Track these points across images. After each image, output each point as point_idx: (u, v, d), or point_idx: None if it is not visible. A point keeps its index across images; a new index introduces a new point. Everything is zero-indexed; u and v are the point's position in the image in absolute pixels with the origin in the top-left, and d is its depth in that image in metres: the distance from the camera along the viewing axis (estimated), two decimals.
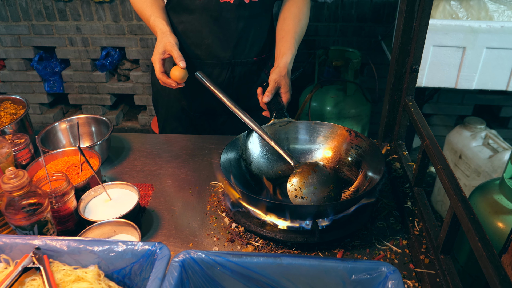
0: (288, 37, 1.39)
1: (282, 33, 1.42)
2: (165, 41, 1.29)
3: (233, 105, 1.24)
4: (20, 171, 0.90)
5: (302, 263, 0.78)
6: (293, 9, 1.46)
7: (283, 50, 1.37)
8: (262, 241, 1.07)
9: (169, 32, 1.33)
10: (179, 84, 1.30)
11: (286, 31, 1.41)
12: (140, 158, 1.42)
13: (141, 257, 0.81)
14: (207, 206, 1.20)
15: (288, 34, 1.40)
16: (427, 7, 1.09)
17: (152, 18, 1.37)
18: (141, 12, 1.42)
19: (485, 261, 0.69)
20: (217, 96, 1.27)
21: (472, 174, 2.16)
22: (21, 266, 0.79)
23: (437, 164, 0.94)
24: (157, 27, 1.35)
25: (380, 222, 1.12)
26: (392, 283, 0.74)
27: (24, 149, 1.25)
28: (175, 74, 1.28)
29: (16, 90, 3.38)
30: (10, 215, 0.92)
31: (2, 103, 1.49)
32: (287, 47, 1.37)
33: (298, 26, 1.42)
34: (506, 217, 1.27)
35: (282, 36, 1.41)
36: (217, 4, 1.37)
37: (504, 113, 3.03)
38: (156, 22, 1.36)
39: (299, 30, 1.42)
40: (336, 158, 1.26)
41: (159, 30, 1.34)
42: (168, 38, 1.30)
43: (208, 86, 1.29)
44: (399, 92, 1.27)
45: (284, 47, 1.37)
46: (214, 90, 1.27)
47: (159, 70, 1.30)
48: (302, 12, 1.46)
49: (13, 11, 3.03)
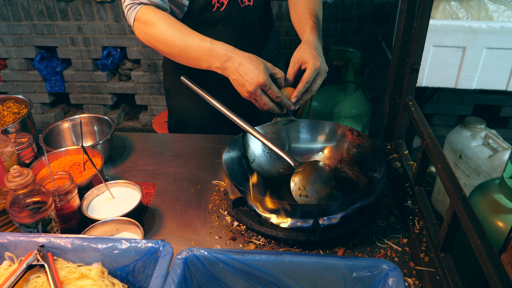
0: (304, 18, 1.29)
1: (297, 17, 1.33)
2: (261, 60, 1.13)
3: (225, 108, 1.18)
4: (25, 170, 0.91)
5: (303, 260, 0.79)
6: None
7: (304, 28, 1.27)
8: (263, 239, 1.08)
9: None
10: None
11: (300, 13, 1.32)
12: (142, 157, 1.43)
13: (144, 254, 0.82)
14: (209, 205, 1.21)
15: (303, 14, 1.30)
16: (428, 8, 1.09)
17: (209, 43, 1.16)
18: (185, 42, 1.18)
19: (485, 259, 0.70)
20: (208, 100, 1.20)
21: (472, 174, 2.16)
22: (25, 264, 0.80)
23: (437, 164, 0.95)
24: (224, 48, 1.15)
25: (381, 220, 1.13)
26: (393, 280, 0.74)
27: (27, 148, 1.26)
28: (289, 92, 1.16)
29: (17, 90, 3.38)
30: (14, 213, 0.93)
31: (5, 102, 1.50)
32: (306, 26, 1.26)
33: (311, 3, 1.32)
34: (506, 216, 1.27)
35: (299, 19, 1.31)
36: (240, 10, 1.34)
37: (504, 113, 3.03)
38: (219, 44, 1.16)
39: (312, 5, 1.32)
40: (338, 157, 1.27)
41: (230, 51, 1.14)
42: (259, 58, 1.14)
43: (196, 91, 1.21)
44: (399, 92, 1.27)
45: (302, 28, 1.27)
46: (203, 95, 1.20)
47: (277, 92, 1.12)
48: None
49: (15, 11, 3.04)
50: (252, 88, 1.10)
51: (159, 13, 1.22)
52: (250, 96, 1.13)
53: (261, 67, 1.10)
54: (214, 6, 1.31)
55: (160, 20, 1.20)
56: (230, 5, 1.33)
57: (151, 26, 1.21)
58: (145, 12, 1.22)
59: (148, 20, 1.21)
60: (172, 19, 1.22)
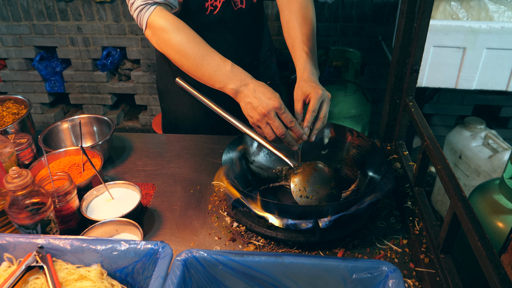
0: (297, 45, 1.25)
1: (290, 40, 1.28)
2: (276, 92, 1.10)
3: (222, 110, 1.16)
4: (24, 171, 0.91)
5: (303, 262, 0.79)
6: (293, 7, 1.30)
7: (297, 62, 1.24)
8: (263, 240, 1.08)
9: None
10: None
11: (292, 37, 1.27)
12: (142, 158, 1.43)
13: (143, 256, 0.82)
14: (208, 206, 1.21)
15: (296, 40, 1.26)
16: (428, 8, 1.09)
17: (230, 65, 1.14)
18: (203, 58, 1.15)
19: (485, 260, 0.70)
20: (204, 102, 1.18)
21: (472, 174, 2.16)
22: (24, 265, 0.80)
23: (437, 164, 0.95)
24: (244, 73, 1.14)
25: (381, 221, 1.13)
26: (393, 282, 0.74)
27: (27, 148, 1.26)
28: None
29: (17, 90, 3.38)
30: (13, 214, 0.92)
31: (5, 103, 1.49)
32: (300, 58, 1.23)
33: (304, 26, 1.27)
34: (506, 216, 1.27)
35: (292, 44, 1.27)
36: (233, 13, 1.35)
37: (504, 113, 3.03)
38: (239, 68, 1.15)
39: (306, 30, 1.27)
40: (338, 158, 1.27)
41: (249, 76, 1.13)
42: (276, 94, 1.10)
43: (192, 93, 1.20)
44: (399, 92, 1.27)
45: (297, 59, 1.24)
46: (199, 96, 1.18)
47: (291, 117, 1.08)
48: (303, 6, 1.29)
49: (14, 11, 3.04)
50: (266, 109, 1.06)
51: (175, 20, 1.18)
52: (262, 118, 1.08)
53: (277, 94, 1.08)
54: (207, 9, 1.31)
55: (178, 28, 1.17)
56: (224, 8, 1.33)
57: (167, 33, 1.17)
58: (160, 16, 1.18)
59: (165, 27, 1.16)
60: (190, 29, 1.18)
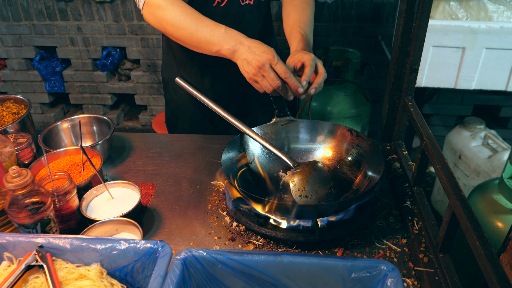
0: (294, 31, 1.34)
1: (289, 28, 1.38)
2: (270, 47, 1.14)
3: (221, 109, 1.19)
4: (24, 170, 0.91)
5: (302, 261, 0.79)
6: (296, 2, 1.41)
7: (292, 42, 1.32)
8: (262, 239, 1.08)
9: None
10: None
11: (291, 25, 1.36)
12: (142, 158, 1.43)
13: (143, 255, 0.82)
14: (208, 205, 1.21)
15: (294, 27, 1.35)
16: (427, 8, 1.09)
17: (223, 27, 1.18)
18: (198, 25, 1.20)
19: (484, 260, 0.70)
20: (202, 101, 1.21)
21: (471, 174, 2.16)
22: (24, 264, 0.80)
23: (437, 164, 0.95)
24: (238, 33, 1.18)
25: (380, 221, 1.13)
26: (392, 281, 0.74)
27: (27, 148, 1.26)
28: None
29: (17, 90, 3.38)
30: (13, 213, 0.93)
31: (4, 102, 1.50)
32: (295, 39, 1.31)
33: (303, 15, 1.37)
34: (505, 216, 1.27)
35: (290, 31, 1.36)
36: (239, 7, 1.37)
37: (503, 113, 3.03)
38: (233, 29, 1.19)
39: (304, 18, 1.37)
40: (337, 157, 1.27)
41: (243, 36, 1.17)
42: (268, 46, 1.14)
43: (191, 92, 1.22)
44: (399, 92, 1.27)
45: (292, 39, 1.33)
46: (198, 95, 1.21)
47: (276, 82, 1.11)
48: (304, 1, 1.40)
49: (14, 11, 3.04)
50: (261, 62, 1.09)
51: None
52: (257, 72, 1.11)
53: (271, 48, 1.12)
54: (214, 1, 1.34)
55: (172, 3, 1.22)
56: (230, 2, 1.35)
57: (162, 9, 1.22)
58: None
59: (159, 4, 1.22)
60: (184, 3, 1.24)
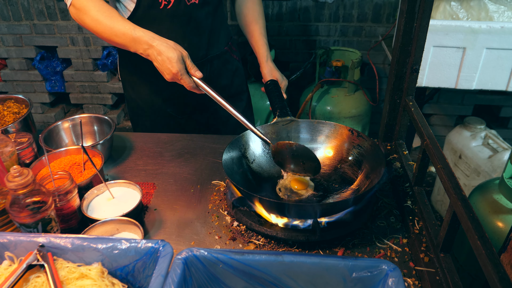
0: (260, 41, 1.57)
1: (255, 37, 1.58)
2: (179, 48, 1.22)
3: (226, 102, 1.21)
4: (25, 170, 0.91)
5: (303, 260, 0.79)
6: (252, 12, 1.59)
7: (261, 52, 1.55)
8: (263, 239, 1.08)
9: (167, 39, 1.24)
10: None
11: (256, 36, 1.57)
12: (142, 157, 1.43)
13: (144, 254, 0.82)
14: (208, 205, 1.21)
15: (259, 38, 1.57)
16: (428, 8, 1.09)
17: (131, 31, 1.23)
18: (112, 30, 1.25)
19: (485, 259, 0.70)
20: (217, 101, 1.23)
21: (472, 174, 2.16)
22: (25, 263, 0.80)
23: (437, 164, 0.95)
24: (146, 36, 1.22)
25: (381, 221, 1.13)
26: (393, 280, 0.75)
27: (28, 147, 1.26)
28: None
29: (17, 90, 3.38)
30: (14, 213, 0.93)
31: (5, 102, 1.50)
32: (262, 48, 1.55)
33: (262, 27, 1.59)
34: (506, 216, 1.28)
35: (256, 40, 1.57)
36: (186, 7, 1.38)
37: (504, 113, 3.03)
38: (140, 32, 1.24)
39: (263, 30, 1.60)
40: (338, 157, 1.27)
41: (151, 39, 1.22)
42: (178, 46, 1.23)
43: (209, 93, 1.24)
44: (399, 92, 1.27)
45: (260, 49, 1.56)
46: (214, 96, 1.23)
47: (190, 84, 1.25)
48: (259, 13, 1.60)
49: (15, 11, 3.04)
50: (170, 76, 1.24)
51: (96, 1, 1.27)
52: (172, 79, 1.26)
53: (174, 60, 1.21)
54: (161, 3, 1.36)
55: (93, 7, 1.26)
56: (177, 3, 1.37)
57: (83, 13, 1.27)
58: None
59: (81, 7, 1.26)
60: (104, 5, 1.27)
